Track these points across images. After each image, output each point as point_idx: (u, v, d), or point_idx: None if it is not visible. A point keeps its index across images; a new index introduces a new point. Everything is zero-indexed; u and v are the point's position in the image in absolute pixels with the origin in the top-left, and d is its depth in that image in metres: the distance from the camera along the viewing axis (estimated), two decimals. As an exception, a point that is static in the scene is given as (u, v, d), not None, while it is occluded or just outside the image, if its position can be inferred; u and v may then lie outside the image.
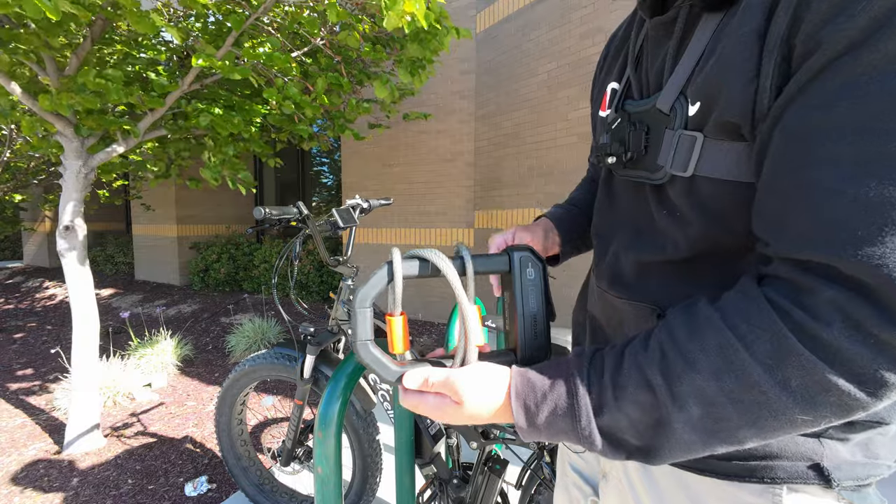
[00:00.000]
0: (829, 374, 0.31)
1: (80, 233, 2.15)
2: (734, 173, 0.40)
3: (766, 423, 0.34)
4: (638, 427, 0.38)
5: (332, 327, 1.47)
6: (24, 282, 7.30)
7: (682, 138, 0.43)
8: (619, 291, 0.55)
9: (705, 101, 0.41)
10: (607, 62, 0.64)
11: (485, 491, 1.14)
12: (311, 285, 5.12)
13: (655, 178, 0.48)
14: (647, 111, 0.49)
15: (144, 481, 1.98)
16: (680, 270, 0.48)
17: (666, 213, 0.48)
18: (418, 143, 4.32)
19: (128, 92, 1.99)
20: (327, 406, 0.88)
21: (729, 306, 0.36)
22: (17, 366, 3.54)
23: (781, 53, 0.34)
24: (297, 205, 1.37)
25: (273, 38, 2.14)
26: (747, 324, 0.34)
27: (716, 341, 0.35)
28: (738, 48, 0.37)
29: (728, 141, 0.40)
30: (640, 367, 0.38)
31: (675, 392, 0.36)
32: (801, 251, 0.33)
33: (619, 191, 0.58)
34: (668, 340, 0.38)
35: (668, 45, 0.48)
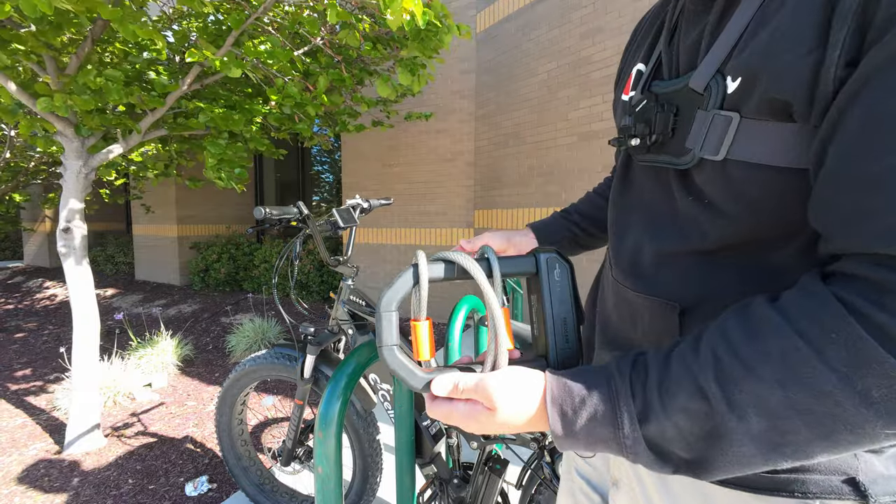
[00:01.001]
0: None
1: (80, 233, 2.16)
2: (775, 158, 0.37)
3: (842, 438, 0.30)
4: (688, 438, 0.35)
5: (332, 327, 1.47)
6: (25, 282, 7.31)
7: (715, 119, 0.40)
8: (635, 285, 0.52)
9: (749, 76, 0.37)
10: (635, 45, 0.61)
11: (485, 491, 1.14)
12: (312, 285, 5.13)
13: (681, 162, 0.44)
14: (678, 91, 0.46)
15: (145, 481, 1.98)
16: (703, 263, 0.45)
17: (692, 200, 0.45)
18: (418, 143, 4.32)
19: (128, 92, 1.99)
20: (327, 406, 0.88)
21: (792, 306, 0.33)
22: (17, 366, 3.54)
23: (857, 21, 0.31)
24: (298, 205, 1.37)
25: (273, 37, 2.14)
26: (816, 326, 0.31)
27: (779, 345, 0.32)
28: (798, 15, 0.34)
29: (772, 121, 0.37)
30: (690, 372, 0.35)
31: (733, 401, 0.33)
32: (888, 247, 0.29)
33: (638, 178, 0.55)
34: (723, 343, 0.35)
35: (706, 21, 0.44)
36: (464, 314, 1.53)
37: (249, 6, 2.03)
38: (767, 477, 0.42)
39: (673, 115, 0.45)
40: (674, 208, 0.47)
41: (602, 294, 0.62)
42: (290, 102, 2.25)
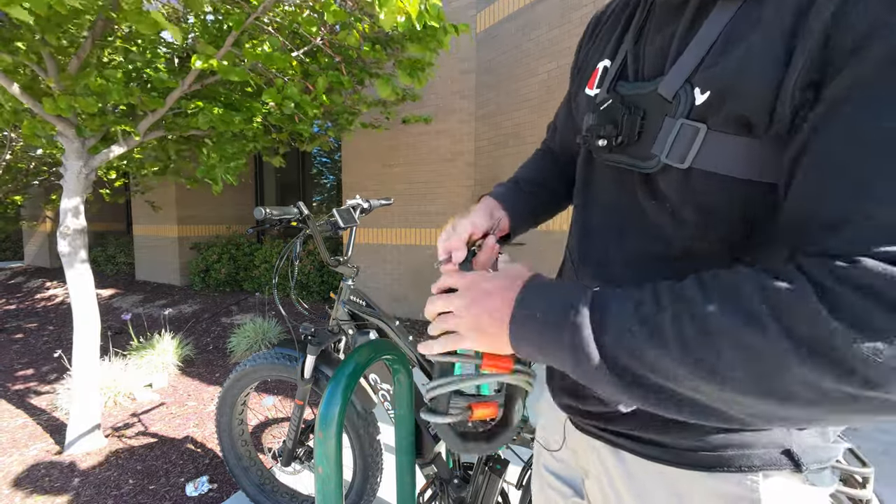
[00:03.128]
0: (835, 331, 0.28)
1: (80, 233, 2.16)
2: (736, 169, 0.39)
3: (757, 367, 0.31)
4: (632, 334, 0.35)
5: (332, 327, 1.47)
6: (26, 282, 7.31)
7: (683, 127, 0.41)
8: (601, 283, 0.53)
9: (718, 91, 0.39)
10: (599, 36, 0.60)
11: (485, 491, 1.14)
12: (312, 285, 5.13)
13: (645, 166, 0.45)
14: (646, 95, 0.46)
15: (145, 481, 1.98)
16: (670, 269, 0.45)
17: (655, 205, 0.46)
18: (419, 143, 4.32)
19: (128, 92, 1.99)
20: (328, 406, 0.88)
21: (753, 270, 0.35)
22: (18, 366, 3.54)
23: (820, 44, 0.32)
24: (298, 205, 1.37)
25: (273, 37, 2.14)
26: (767, 274, 0.32)
27: (729, 281, 0.34)
28: (768, 37, 0.35)
29: (734, 135, 0.38)
30: (654, 285, 0.38)
31: (676, 309, 0.34)
32: (861, 249, 0.30)
33: (600, 177, 0.55)
34: (692, 277, 0.37)
35: (674, 27, 0.45)
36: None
37: (249, 6, 2.03)
38: (716, 455, 0.46)
39: (640, 118, 0.46)
40: (640, 211, 0.48)
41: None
42: (289, 104, 2.25)
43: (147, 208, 6.33)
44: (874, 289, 0.28)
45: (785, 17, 0.34)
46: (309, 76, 2.59)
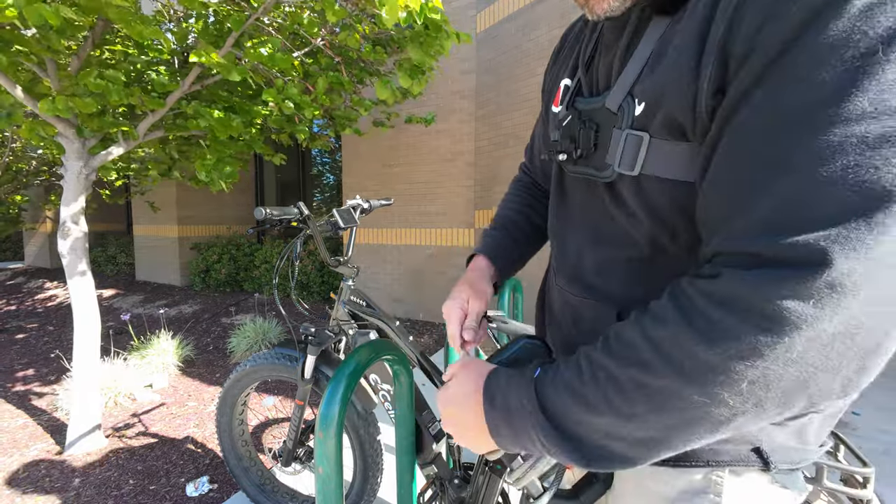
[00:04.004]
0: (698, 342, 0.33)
1: (80, 233, 2.16)
2: (678, 173, 0.42)
3: (666, 406, 0.35)
4: (567, 402, 0.40)
5: (332, 328, 1.47)
6: (26, 282, 7.31)
7: (629, 137, 0.44)
8: (577, 290, 0.56)
9: (651, 101, 0.42)
10: (562, 56, 0.65)
11: (486, 491, 1.14)
12: (312, 286, 5.13)
13: (603, 175, 0.49)
14: (597, 109, 0.50)
15: (146, 481, 1.99)
16: (640, 268, 0.49)
17: (620, 212, 0.49)
18: (419, 143, 4.32)
19: (128, 93, 1.99)
20: (328, 406, 0.88)
21: (650, 305, 0.39)
22: (18, 366, 3.54)
23: (719, 57, 0.36)
24: (298, 205, 1.37)
25: (274, 38, 2.14)
26: (651, 318, 0.37)
27: (628, 333, 0.38)
28: (681, 51, 0.39)
29: (673, 141, 0.42)
30: (577, 357, 0.42)
31: (596, 377, 0.39)
32: (733, 244, 0.34)
33: (570, 188, 0.59)
34: (602, 339, 0.41)
35: (617, 45, 0.49)
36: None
37: (249, 7, 2.03)
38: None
39: (594, 131, 0.50)
40: (609, 217, 0.51)
41: (549, 298, 0.66)
42: (287, 106, 2.25)
43: (147, 208, 6.33)
44: (730, 300, 0.32)
45: (694, 32, 0.38)
46: (309, 76, 2.59)
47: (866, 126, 0.28)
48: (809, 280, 0.29)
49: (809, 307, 0.29)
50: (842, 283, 0.28)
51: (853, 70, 0.29)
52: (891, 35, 0.28)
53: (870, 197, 0.28)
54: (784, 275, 0.30)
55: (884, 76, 0.28)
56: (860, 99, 0.28)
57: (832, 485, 0.69)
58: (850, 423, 2.25)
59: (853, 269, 0.28)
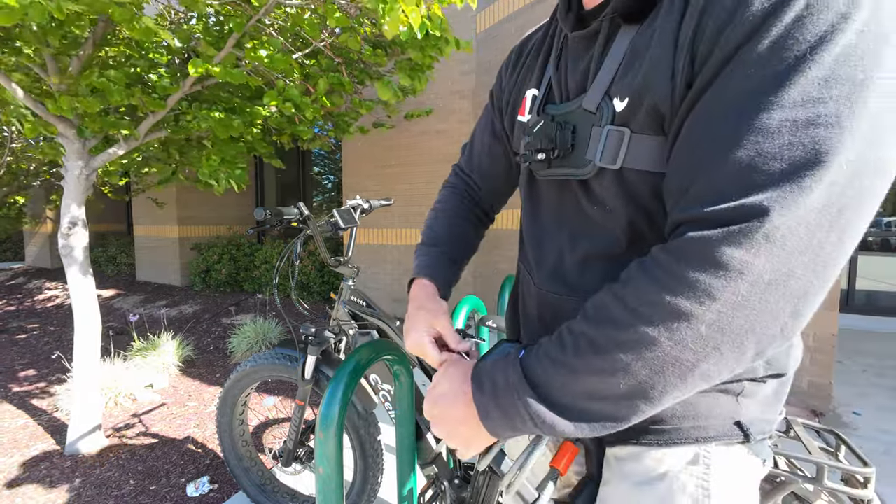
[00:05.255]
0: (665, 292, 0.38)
1: (81, 234, 2.16)
2: (656, 165, 0.46)
3: (640, 355, 0.38)
4: (550, 372, 0.44)
5: (333, 328, 1.47)
6: (26, 283, 7.32)
7: (610, 133, 0.48)
8: (559, 289, 0.59)
9: (635, 96, 0.46)
10: (522, 68, 0.68)
11: (486, 491, 1.14)
12: (313, 286, 5.13)
13: (583, 172, 0.52)
14: (573, 112, 0.54)
15: (146, 482, 1.99)
16: (621, 264, 0.52)
17: (597, 209, 0.53)
18: (419, 144, 4.32)
19: (129, 93, 1.99)
20: (328, 406, 0.88)
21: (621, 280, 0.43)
22: (19, 367, 3.55)
23: (690, 55, 0.41)
24: (298, 205, 1.37)
25: (274, 39, 2.14)
26: (621, 281, 0.42)
27: (602, 299, 0.43)
28: (659, 50, 0.44)
29: (651, 135, 0.46)
30: (559, 332, 0.46)
31: (577, 343, 0.43)
32: (691, 213, 0.39)
33: (543, 192, 0.62)
34: (581, 312, 0.45)
35: (590, 54, 0.53)
36: (464, 314, 1.53)
37: (251, 8, 2.03)
38: (674, 429, 0.51)
39: (571, 132, 0.53)
40: (584, 217, 0.55)
41: (523, 301, 0.69)
42: (288, 107, 2.25)
43: (148, 209, 6.33)
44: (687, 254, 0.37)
45: (669, 33, 0.43)
46: (309, 78, 2.59)
47: (797, 112, 0.34)
48: (750, 233, 0.34)
49: (749, 255, 0.34)
50: (774, 235, 0.34)
51: (788, 68, 0.35)
52: (816, 41, 0.34)
53: (801, 166, 0.34)
54: (731, 229, 0.35)
55: (810, 73, 0.34)
56: (792, 90, 0.34)
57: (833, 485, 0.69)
58: (850, 423, 2.25)
59: (784, 223, 0.34)
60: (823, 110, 0.34)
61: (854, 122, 0.33)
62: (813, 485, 0.70)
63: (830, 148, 0.33)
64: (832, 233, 0.34)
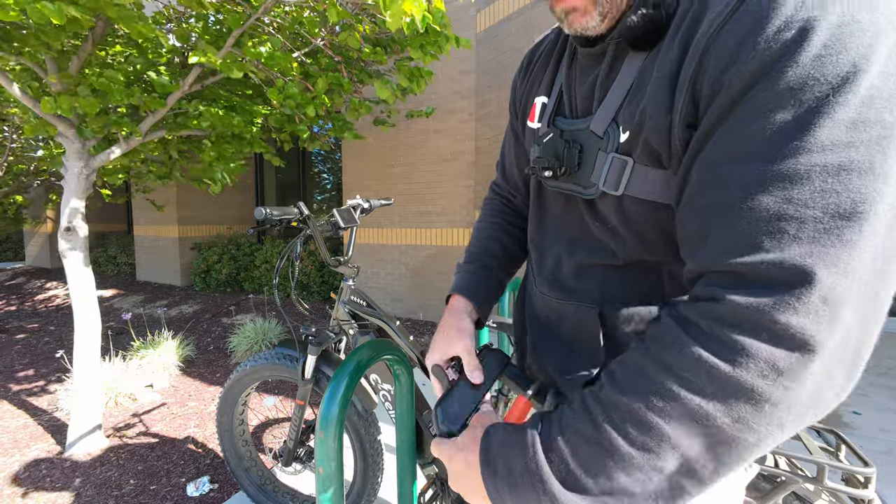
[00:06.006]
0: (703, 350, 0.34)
1: (81, 234, 2.16)
2: (656, 195, 0.47)
3: (691, 432, 0.34)
4: (581, 454, 0.38)
5: (333, 327, 1.47)
6: (27, 283, 7.32)
7: (614, 161, 0.49)
8: (557, 294, 0.60)
9: (634, 130, 0.46)
10: (533, 72, 0.67)
11: (486, 491, 1.14)
12: (313, 286, 5.13)
13: (587, 192, 0.53)
14: (581, 131, 0.53)
15: (146, 481, 1.99)
16: (616, 274, 0.54)
17: (599, 225, 0.54)
18: (419, 143, 4.32)
19: (129, 93, 1.99)
20: (328, 406, 0.88)
21: (648, 332, 0.40)
22: (19, 367, 3.55)
23: (690, 94, 0.40)
24: (298, 205, 1.37)
25: (274, 38, 2.14)
26: (661, 344, 0.38)
27: (636, 363, 0.39)
28: (658, 88, 0.43)
29: (653, 168, 0.46)
30: (583, 401, 0.41)
31: (612, 418, 0.37)
32: (712, 265, 0.36)
33: (550, 201, 0.63)
34: (606, 374, 0.41)
35: (596, 73, 0.52)
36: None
37: (250, 6, 2.03)
38: None
39: (578, 151, 0.53)
40: (586, 229, 0.56)
41: (529, 302, 0.69)
42: (290, 104, 2.25)
43: (148, 209, 6.33)
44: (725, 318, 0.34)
45: (669, 71, 0.42)
46: (309, 77, 2.59)
47: (827, 157, 0.32)
48: (804, 297, 0.31)
49: (811, 323, 0.31)
50: (831, 298, 0.31)
51: (810, 110, 0.32)
52: (839, 82, 0.32)
53: (837, 216, 0.31)
54: (780, 294, 0.32)
55: (836, 115, 0.32)
56: (819, 134, 0.32)
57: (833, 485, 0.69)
58: (851, 423, 2.25)
59: (835, 283, 0.31)
60: (855, 155, 0.31)
61: (888, 166, 0.31)
62: (813, 484, 0.70)
63: (867, 196, 0.31)
64: (881, 286, 0.32)
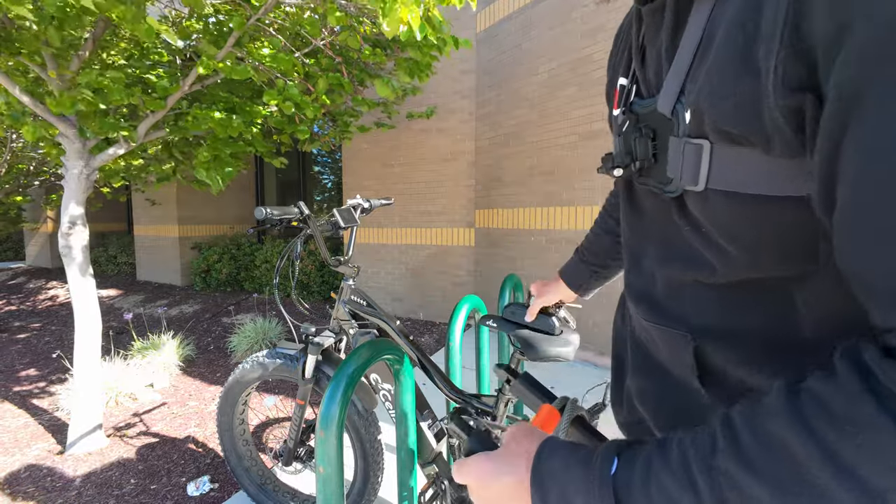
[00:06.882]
0: None
1: (81, 233, 2.16)
2: (757, 185, 0.33)
3: None
4: None
5: (333, 327, 1.47)
6: (27, 282, 7.33)
7: (687, 147, 0.37)
8: (646, 313, 0.49)
9: (697, 109, 0.35)
10: (616, 51, 0.57)
11: (486, 490, 1.14)
12: (313, 285, 5.13)
13: (668, 190, 0.41)
14: (652, 113, 0.42)
15: (147, 481, 1.99)
16: (717, 296, 0.41)
17: (691, 230, 0.41)
18: (419, 143, 4.32)
19: (129, 93, 1.99)
20: (329, 406, 0.88)
21: (812, 392, 0.27)
22: (20, 366, 3.55)
23: (790, 45, 0.27)
24: (299, 205, 1.37)
25: (275, 38, 2.14)
26: (819, 409, 0.25)
27: (780, 435, 0.26)
28: (724, 48, 0.32)
29: (741, 146, 0.33)
30: (684, 456, 0.30)
31: (723, 495, 0.27)
32: None
33: (641, 200, 0.51)
34: (724, 430, 0.29)
35: (661, 37, 0.41)
36: (464, 314, 1.53)
37: (250, 7, 2.03)
38: None
39: (651, 139, 0.43)
40: (679, 234, 0.43)
41: (628, 312, 0.59)
42: (289, 107, 2.25)
43: (148, 208, 6.34)
44: None
45: (741, 15, 0.31)
46: (309, 77, 2.59)
47: None
48: None
49: None
50: None
51: None
52: None
53: None
54: None
55: None
56: None
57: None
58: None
59: None
60: None
61: None
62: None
63: None
64: None
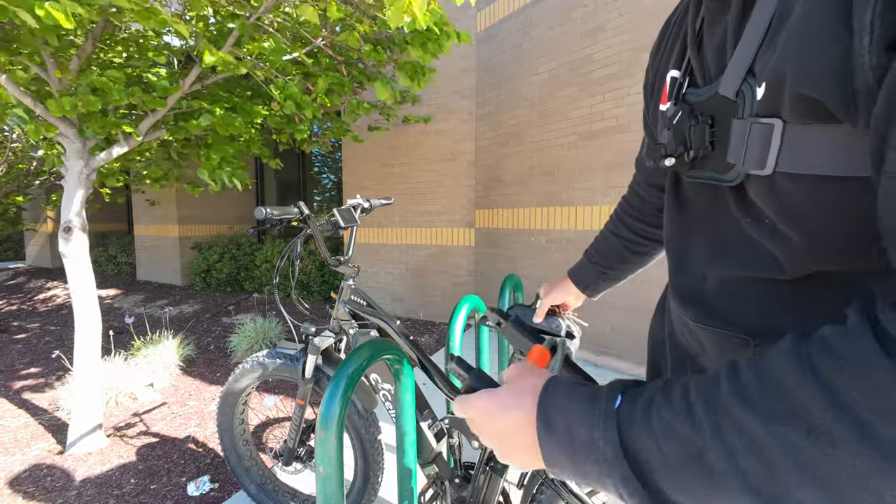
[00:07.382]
0: None
1: (81, 233, 2.16)
2: (833, 166, 0.31)
3: (840, 486, 0.24)
4: (669, 460, 0.30)
5: (333, 327, 1.47)
6: (27, 282, 7.33)
7: (754, 128, 0.35)
8: (696, 315, 0.46)
9: (773, 78, 0.33)
10: (664, 49, 0.56)
11: (486, 491, 1.14)
12: (313, 285, 5.13)
13: (727, 178, 0.40)
14: (710, 99, 0.41)
15: (147, 481, 1.99)
16: (785, 294, 0.38)
17: (752, 222, 0.39)
18: (419, 143, 4.32)
19: (129, 93, 1.99)
20: (329, 406, 0.88)
21: (818, 336, 0.27)
22: (20, 366, 3.55)
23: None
24: (299, 205, 1.37)
25: (275, 37, 2.14)
26: (828, 355, 0.25)
27: (780, 372, 0.27)
28: (813, 4, 0.29)
29: (818, 124, 0.31)
30: (686, 392, 0.31)
31: (720, 425, 0.28)
32: None
33: (690, 195, 0.49)
34: (728, 371, 0.30)
35: (727, 16, 0.40)
36: (464, 314, 1.53)
37: (250, 6, 2.03)
38: None
39: (708, 126, 0.41)
40: (737, 228, 0.41)
41: (668, 316, 0.58)
42: (290, 105, 2.25)
43: (148, 208, 6.34)
44: None
45: None
46: (309, 77, 2.59)
47: None
48: None
49: None
50: None
51: None
52: None
53: None
54: None
55: None
56: None
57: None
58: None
59: None
60: None
61: None
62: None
63: None
64: None
